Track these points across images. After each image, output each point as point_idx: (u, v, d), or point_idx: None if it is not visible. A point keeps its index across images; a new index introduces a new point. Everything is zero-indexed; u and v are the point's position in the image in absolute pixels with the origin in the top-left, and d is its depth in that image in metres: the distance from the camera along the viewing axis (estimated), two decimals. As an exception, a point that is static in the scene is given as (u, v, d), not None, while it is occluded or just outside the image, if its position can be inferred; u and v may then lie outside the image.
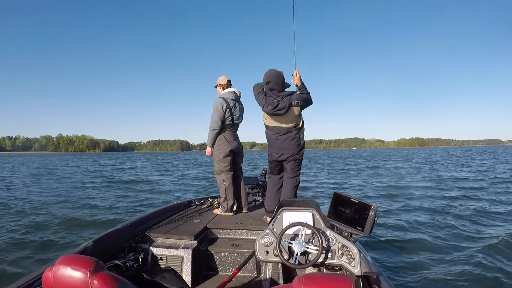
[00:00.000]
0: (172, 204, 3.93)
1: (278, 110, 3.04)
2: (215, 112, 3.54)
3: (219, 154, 3.65)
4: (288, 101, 3.02)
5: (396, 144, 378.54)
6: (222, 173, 3.65)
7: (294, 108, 3.07)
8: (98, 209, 8.28)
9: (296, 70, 3.25)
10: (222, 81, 3.72)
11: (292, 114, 3.10)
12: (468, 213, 6.94)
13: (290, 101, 3.03)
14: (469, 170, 19.04)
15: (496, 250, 4.52)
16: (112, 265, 2.35)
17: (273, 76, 3.06)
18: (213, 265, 2.84)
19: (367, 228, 2.00)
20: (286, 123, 3.15)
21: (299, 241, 2.08)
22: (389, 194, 10.11)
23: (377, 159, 40.63)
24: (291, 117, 3.12)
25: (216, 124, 3.55)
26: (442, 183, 12.67)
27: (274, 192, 3.44)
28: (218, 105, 3.54)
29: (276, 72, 3.10)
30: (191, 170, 23.98)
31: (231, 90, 3.69)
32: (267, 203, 3.42)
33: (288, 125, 3.16)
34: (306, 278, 1.03)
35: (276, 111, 3.05)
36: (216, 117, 3.53)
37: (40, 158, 72.39)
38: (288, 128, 3.16)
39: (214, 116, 3.54)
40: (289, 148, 3.20)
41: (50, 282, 1.21)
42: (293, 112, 3.09)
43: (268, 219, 3.30)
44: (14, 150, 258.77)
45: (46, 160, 54.83)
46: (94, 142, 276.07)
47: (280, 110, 3.04)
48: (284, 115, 3.09)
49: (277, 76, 3.07)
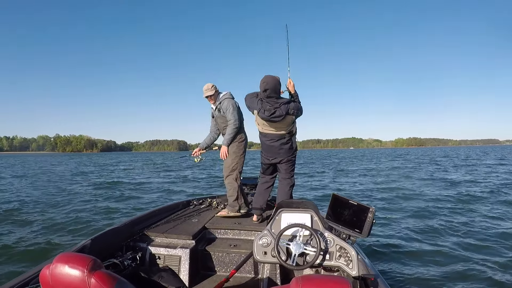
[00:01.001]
0: (170, 203, 3.94)
1: (275, 117, 3.03)
2: (234, 110, 3.53)
3: (239, 151, 3.63)
4: (285, 109, 3.01)
5: (394, 144, 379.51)
6: (235, 172, 3.60)
7: (289, 117, 3.09)
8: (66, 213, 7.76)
9: (290, 79, 3.28)
10: (213, 89, 3.61)
11: (287, 122, 3.12)
12: (470, 215, 6.94)
13: (287, 109, 3.03)
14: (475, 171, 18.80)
15: (495, 252, 4.53)
16: (109, 263, 2.35)
17: (271, 83, 3.00)
18: (211, 265, 2.84)
19: (365, 230, 2.00)
20: (280, 130, 3.17)
21: (297, 242, 2.08)
22: (389, 195, 10.09)
23: (376, 159, 40.68)
24: (285, 125, 3.13)
25: (239, 122, 3.57)
26: (442, 184, 12.55)
27: (263, 190, 3.45)
28: (233, 103, 3.57)
29: (273, 79, 3.04)
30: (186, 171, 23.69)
31: (227, 92, 3.67)
32: (254, 200, 3.44)
33: (281, 132, 3.18)
34: (303, 279, 1.03)
35: (273, 117, 3.03)
36: (237, 115, 3.54)
37: (35, 158, 71.67)
38: (281, 135, 3.19)
39: (235, 114, 3.53)
40: (282, 153, 3.25)
41: (47, 279, 1.20)
42: (288, 120, 3.10)
43: (255, 218, 3.34)
44: (11, 150, 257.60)
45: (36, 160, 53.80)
46: (91, 142, 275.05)
47: (276, 117, 3.03)
48: (279, 122, 3.09)
49: (275, 83, 3.03)
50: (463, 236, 5.41)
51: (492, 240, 5.09)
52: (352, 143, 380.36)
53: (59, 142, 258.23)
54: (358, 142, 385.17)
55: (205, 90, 3.60)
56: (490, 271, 3.91)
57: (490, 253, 4.52)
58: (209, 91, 3.58)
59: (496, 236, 5.31)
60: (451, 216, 6.89)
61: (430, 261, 4.34)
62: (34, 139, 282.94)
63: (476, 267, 4.04)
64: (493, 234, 5.43)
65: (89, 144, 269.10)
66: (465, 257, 4.41)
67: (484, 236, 5.33)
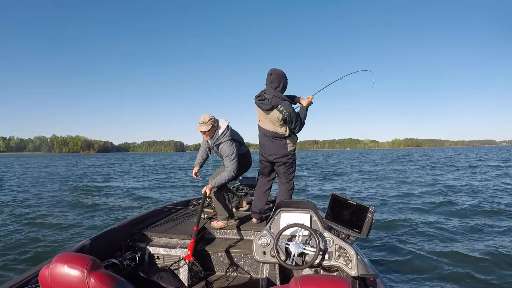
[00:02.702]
0: (169, 203, 3.93)
1: (261, 103, 3.04)
2: (235, 157, 3.12)
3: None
4: (275, 102, 2.97)
5: (390, 145, 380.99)
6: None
7: (276, 112, 2.98)
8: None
9: (312, 96, 3.28)
10: (210, 124, 3.05)
11: (274, 118, 3.03)
12: (467, 215, 6.95)
13: (277, 103, 2.96)
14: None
15: (495, 252, 4.52)
16: (109, 263, 2.35)
17: (278, 71, 3.05)
18: (210, 265, 2.84)
19: (364, 230, 2.01)
20: (269, 127, 3.14)
21: (296, 242, 2.09)
22: (388, 195, 10.11)
23: (374, 161, 40.55)
24: (273, 120, 3.07)
25: (237, 169, 3.15)
26: (442, 185, 12.43)
27: (261, 194, 3.41)
28: (233, 148, 3.12)
29: (280, 70, 3.07)
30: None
31: (224, 127, 3.15)
32: (254, 204, 3.41)
33: (271, 129, 3.13)
34: (302, 279, 1.04)
35: (260, 103, 3.05)
36: (236, 163, 3.12)
37: (27, 159, 70.27)
38: (273, 133, 3.14)
39: (234, 162, 3.11)
40: (275, 150, 3.17)
41: (47, 279, 1.20)
42: (274, 116, 3.01)
43: (254, 221, 3.32)
44: (7, 151, 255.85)
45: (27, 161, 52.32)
46: (88, 142, 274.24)
47: (263, 104, 3.02)
48: (267, 116, 3.07)
49: (280, 74, 3.05)
50: (466, 236, 5.39)
51: (494, 242, 5.03)
52: (349, 144, 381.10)
53: (56, 142, 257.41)
54: (355, 143, 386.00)
55: (200, 124, 3.05)
56: (490, 271, 3.93)
57: (490, 253, 4.49)
58: (204, 126, 3.03)
59: (497, 238, 5.25)
60: (454, 217, 6.88)
61: (430, 261, 4.35)
62: (31, 140, 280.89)
63: (476, 268, 4.04)
64: (495, 235, 5.39)
65: (86, 145, 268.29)
66: (467, 258, 4.39)
67: (484, 238, 5.29)
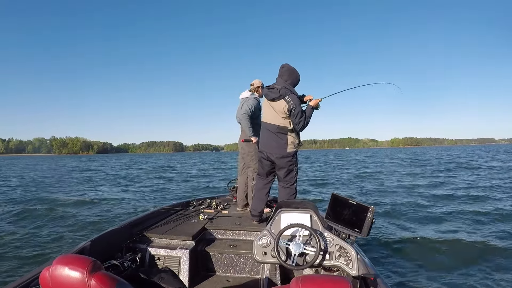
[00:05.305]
0: (170, 204, 3.93)
1: (269, 91, 3.07)
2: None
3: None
4: (284, 92, 2.99)
5: (390, 144, 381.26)
6: (249, 169, 3.84)
7: (283, 103, 2.99)
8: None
9: (320, 99, 3.24)
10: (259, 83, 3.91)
11: (280, 108, 3.02)
12: (467, 215, 6.93)
13: (286, 94, 2.98)
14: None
15: (495, 252, 4.51)
16: (109, 265, 2.35)
17: (289, 67, 3.12)
18: (210, 265, 2.84)
19: (364, 230, 2.01)
20: (273, 119, 3.11)
21: (297, 242, 2.09)
22: (388, 195, 10.10)
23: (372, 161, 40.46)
24: (278, 111, 3.05)
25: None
26: (442, 185, 12.38)
27: (261, 195, 3.37)
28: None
29: (293, 67, 3.14)
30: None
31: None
32: (253, 207, 3.36)
33: (274, 122, 3.11)
34: (303, 279, 1.04)
35: (268, 90, 3.09)
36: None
37: (25, 160, 69.78)
38: (275, 126, 3.10)
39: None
40: (276, 148, 3.13)
41: (47, 281, 1.20)
42: (281, 106, 3.01)
43: (254, 222, 3.30)
44: (7, 152, 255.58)
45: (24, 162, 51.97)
46: (87, 144, 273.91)
47: (271, 92, 3.05)
48: (273, 106, 3.07)
49: (292, 69, 3.11)
50: (466, 236, 5.37)
51: (495, 241, 5.00)
52: (348, 143, 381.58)
53: (55, 144, 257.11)
54: (354, 142, 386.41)
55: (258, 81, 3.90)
56: (490, 272, 3.93)
57: (491, 253, 4.48)
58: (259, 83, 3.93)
59: (500, 237, 5.22)
60: (454, 216, 6.86)
61: (430, 260, 4.35)
62: (30, 142, 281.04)
63: (478, 268, 4.05)
64: (497, 235, 5.37)
65: (85, 146, 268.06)
66: (466, 257, 4.40)
67: (484, 237, 5.27)
